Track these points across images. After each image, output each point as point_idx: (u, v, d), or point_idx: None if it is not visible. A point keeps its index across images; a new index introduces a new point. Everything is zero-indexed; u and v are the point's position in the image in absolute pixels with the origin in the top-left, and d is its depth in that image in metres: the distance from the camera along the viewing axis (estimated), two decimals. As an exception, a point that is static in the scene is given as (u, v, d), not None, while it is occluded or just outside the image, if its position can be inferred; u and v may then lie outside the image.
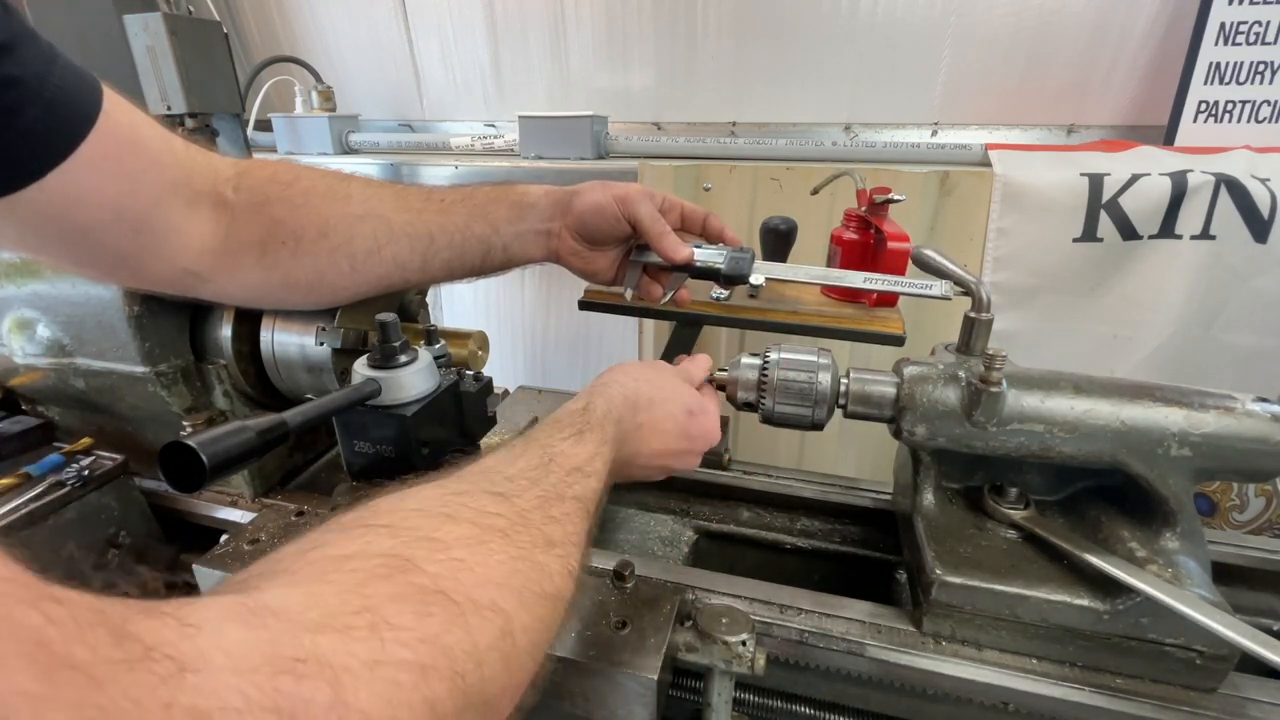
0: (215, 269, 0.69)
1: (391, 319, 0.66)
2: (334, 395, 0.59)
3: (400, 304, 1.01)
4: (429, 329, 0.77)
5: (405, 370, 0.65)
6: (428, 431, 0.67)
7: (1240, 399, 0.65)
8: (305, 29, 2.21)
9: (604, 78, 1.94)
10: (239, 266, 0.70)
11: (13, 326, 0.89)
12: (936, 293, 0.79)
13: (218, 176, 0.68)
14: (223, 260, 0.69)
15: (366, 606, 0.28)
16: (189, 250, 0.67)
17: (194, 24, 1.72)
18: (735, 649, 0.63)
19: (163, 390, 0.88)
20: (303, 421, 0.53)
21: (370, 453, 0.68)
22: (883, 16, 1.65)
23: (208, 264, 0.68)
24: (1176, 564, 0.65)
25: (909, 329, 1.02)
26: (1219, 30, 1.42)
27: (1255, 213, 1.36)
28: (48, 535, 0.82)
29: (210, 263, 0.69)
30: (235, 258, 0.70)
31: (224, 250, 0.69)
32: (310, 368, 0.88)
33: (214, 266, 0.69)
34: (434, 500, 0.39)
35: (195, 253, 0.67)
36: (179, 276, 0.68)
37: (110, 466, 0.89)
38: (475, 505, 0.39)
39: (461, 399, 0.73)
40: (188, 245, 0.66)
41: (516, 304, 2.22)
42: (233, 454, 0.46)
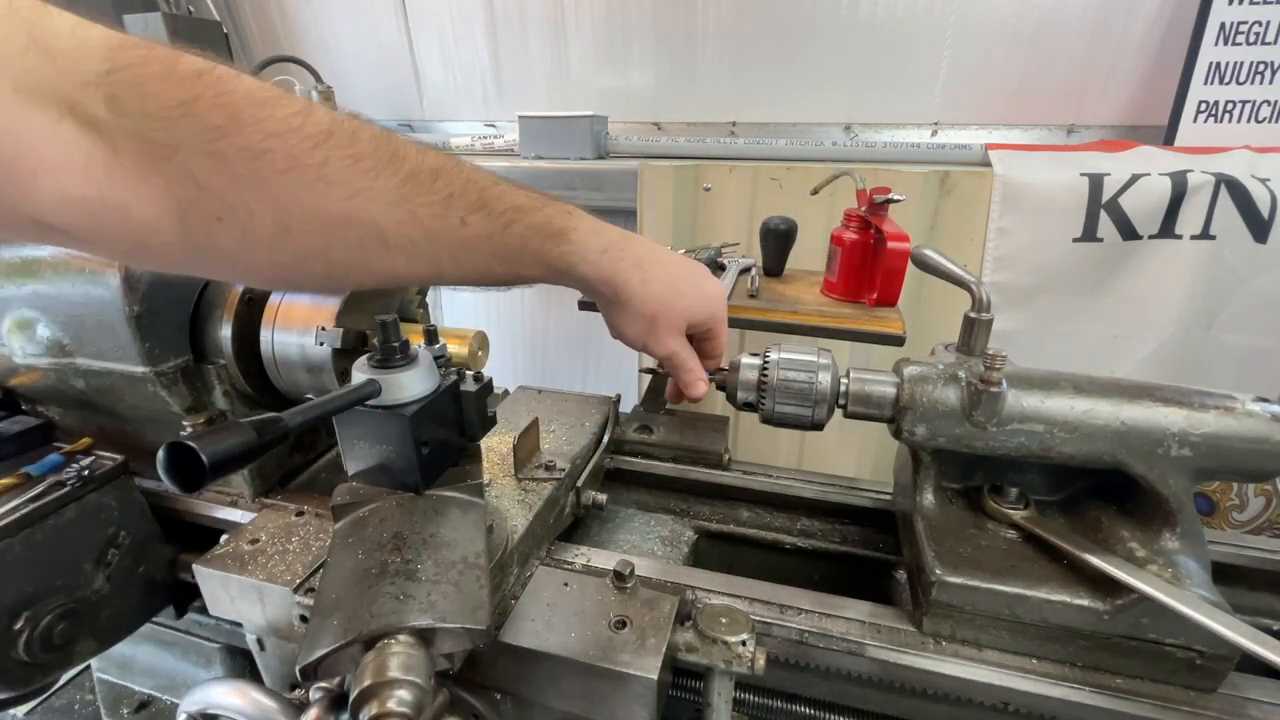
0: (94, 229, 0.43)
1: (391, 319, 0.66)
2: (334, 395, 0.59)
3: (400, 304, 1.01)
4: (429, 329, 0.77)
5: (405, 370, 0.65)
6: (428, 431, 0.67)
7: (1240, 399, 0.65)
8: (305, 29, 2.21)
9: (604, 78, 1.94)
10: (147, 234, 0.44)
11: (13, 326, 0.89)
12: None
13: (69, 70, 0.39)
14: (107, 220, 0.43)
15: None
16: (35, 190, 0.39)
17: (194, 24, 1.72)
18: (735, 649, 0.63)
19: (163, 390, 0.88)
20: (302, 421, 0.53)
21: (370, 453, 0.68)
22: (883, 16, 1.65)
23: (78, 220, 0.42)
24: (1176, 564, 0.65)
25: (909, 329, 1.02)
26: (1219, 30, 1.42)
27: (1255, 213, 1.36)
28: (48, 535, 0.82)
29: (82, 219, 0.42)
30: (128, 218, 0.43)
31: (105, 205, 0.42)
32: (310, 368, 0.88)
33: (90, 226, 0.43)
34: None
35: (51, 198, 0.40)
36: (26, 228, 0.42)
37: (110, 466, 0.89)
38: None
39: (461, 399, 0.73)
40: (24, 179, 0.39)
41: (516, 304, 2.22)
42: (233, 454, 0.46)
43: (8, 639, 0.78)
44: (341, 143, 0.48)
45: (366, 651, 0.52)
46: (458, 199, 0.54)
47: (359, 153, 0.49)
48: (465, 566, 0.60)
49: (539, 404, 1.07)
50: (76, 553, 0.86)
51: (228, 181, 0.44)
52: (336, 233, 0.50)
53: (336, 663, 0.52)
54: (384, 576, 0.58)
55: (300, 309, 0.89)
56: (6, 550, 0.78)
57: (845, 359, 1.17)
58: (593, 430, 0.99)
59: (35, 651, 0.80)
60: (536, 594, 0.71)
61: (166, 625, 1.12)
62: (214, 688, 0.79)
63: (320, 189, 0.47)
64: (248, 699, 0.76)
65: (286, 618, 0.73)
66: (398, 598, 0.55)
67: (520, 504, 0.80)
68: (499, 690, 0.70)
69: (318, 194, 0.47)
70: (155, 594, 0.97)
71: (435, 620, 0.54)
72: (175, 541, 0.98)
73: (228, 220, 0.46)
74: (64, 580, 0.84)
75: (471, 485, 0.71)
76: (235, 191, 0.45)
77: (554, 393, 1.11)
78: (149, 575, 0.95)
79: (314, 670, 0.52)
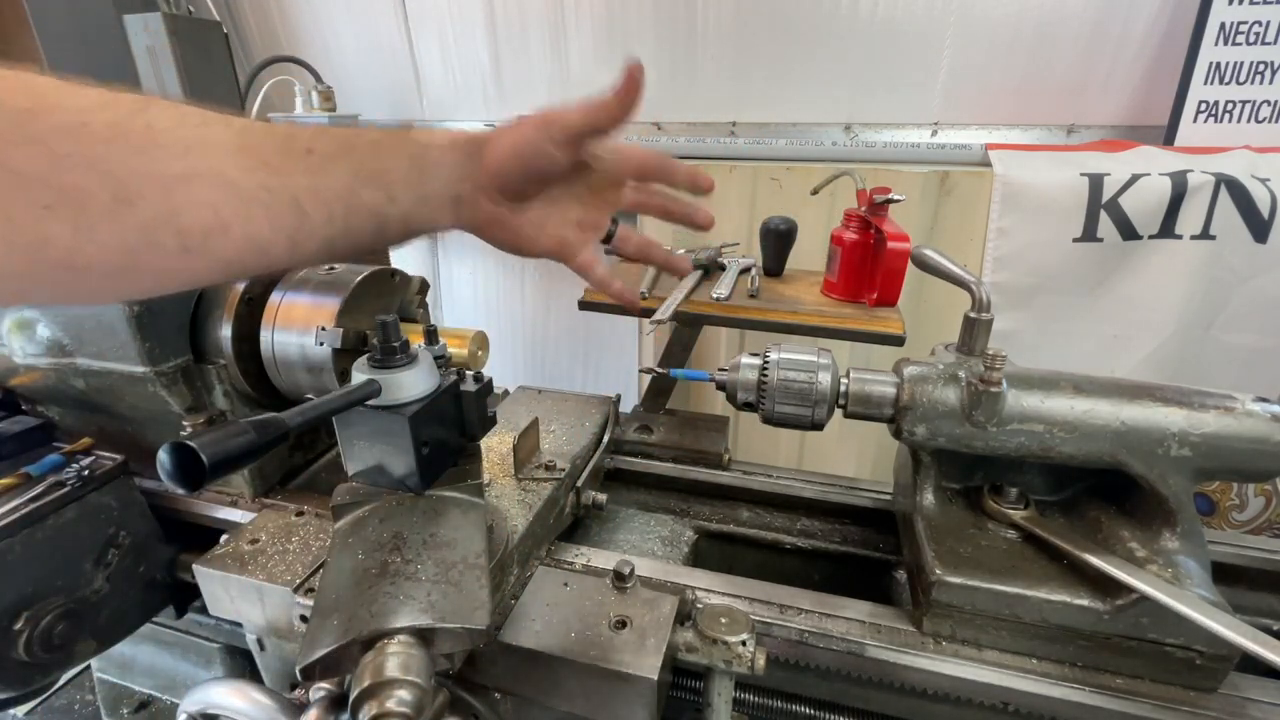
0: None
1: (391, 319, 0.66)
2: (334, 395, 0.59)
3: (400, 304, 1.01)
4: (429, 329, 0.77)
5: (405, 370, 0.65)
6: (428, 431, 0.67)
7: (1240, 399, 0.65)
8: (305, 29, 2.21)
9: (604, 78, 1.93)
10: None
11: (13, 327, 0.89)
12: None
13: None
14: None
15: None
16: None
17: (194, 24, 1.72)
18: (735, 649, 0.63)
19: (163, 390, 0.88)
20: (302, 421, 0.53)
21: (370, 453, 0.68)
22: (883, 16, 1.65)
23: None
24: (1176, 564, 0.65)
25: (909, 329, 1.02)
26: (1219, 30, 1.42)
27: (1255, 213, 1.36)
28: (48, 535, 0.82)
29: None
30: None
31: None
32: (310, 368, 0.88)
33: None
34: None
35: None
36: None
37: (110, 466, 0.89)
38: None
39: (461, 399, 0.73)
40: None
41: (516, 304, 2.22)
42: (233, 454, 0.46)
43: (8, 639, 0.78)
44: (163, 106, 0.46)
45: (366, 652, 0.52)
46: (299, 135, 0.53)
47: (183, 111, 0.48)
48: (465, 566, 0.60)
49: (539, 404, 1.07)
50: (76, 553, 0.86)
51: (49, 164, 0.41)
52: (180, 193, 0.46)
53: (336, 663, 0.52)
54: (384, 576, 0.58)
55: (300, 309, 0.89)
56: (6, 550, 0.78)
57: (845, 359, 1.17)
58: (593, 430, 0.99)
59: (35, 651, 0.80)
60: (536, 594, 0.71)
61: (166, 625, 1.12)
62: (214, 688, 0.79)
63: (151, 152, 0.45)
64: (248, 699, 0.76)
65: (286, 618, 0.73)
66: (398, 598, 0.55)
67: (520, 504, 0.80)
68: (499, 690, 0.70)
69: (150, 157, 0.45)
70: (155, 594, 0.97)
71: (435, 620, 0.54)
72: (175, 541, 0.98)
73: (57, 206, 0.42)
74: (64, 580, 0.84)
75: (471, 485, 0.71)
76: (59, 173, 0.42)
77: (554, 393, 1.11)
78: (149, 575, 0.95)
79: (314, 670, 0.52)
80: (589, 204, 0.67)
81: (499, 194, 0.61)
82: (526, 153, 0.59)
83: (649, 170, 0.67)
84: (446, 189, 0.60)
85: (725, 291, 1.11)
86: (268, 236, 0.51)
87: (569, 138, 0.59)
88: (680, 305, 1.06)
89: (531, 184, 0.62)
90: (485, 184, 0.60)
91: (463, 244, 2.25)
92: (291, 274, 0.93)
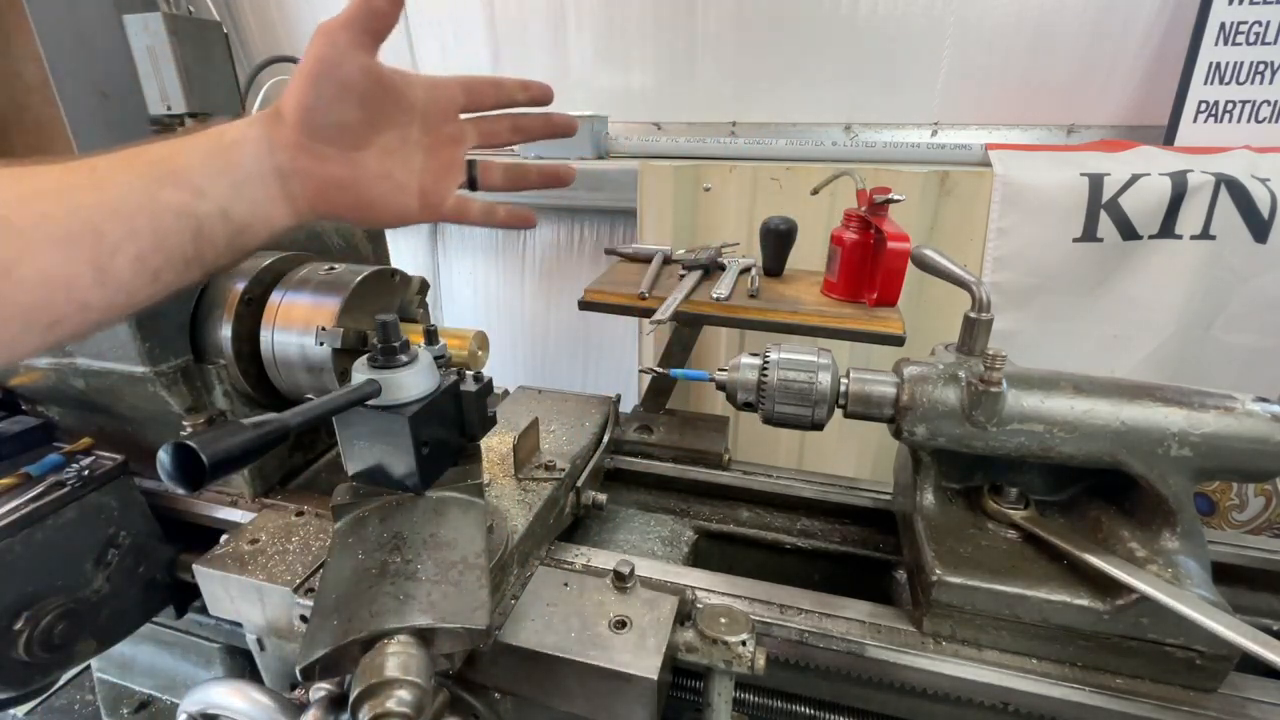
0: None
1: (391, 319, 0.66)
2: (334, 395, 0.59)
3: (400, 304, 1.01)
4: (429, 329, 0.77)
5: (405, 370, 0.65)
6: (428, 431, 0.67)
7: (1240, 399, 0.65)
8: (305, 29, 2.20)
9: (604, 78, 1.94)
10: None
11: (13, 326, 0.89)
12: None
13: None
14: None
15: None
16: None
17: (194, 24, 1.72)
18: (735, 649, 0.63)
19: (163, 390, 0.88)
20: (302, 421, 0.53)
21: (370, 453, 0.68)
22: (883, 16, 1.65)
23: None
24: (1176, 564, 0.65)
25: (909, 329, 1.02)
26: (1219, 30, 1.42)
27: (1255, 213, 1.36)
28: (48, 535, 0.82)
29: None
30: None
31: None
32: (310, 368, 0.88)
33: None
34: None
35: None
36: None
37: (110, 466, 0.89)
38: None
39: (461, 399, 0.73)
40: None
41: (516, 304, 2.22)
42: (233, 454, 0.46)
43: (8, 639, 0.78)
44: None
45: (366, 652, 0.52)
46: (85, 159, 0.49)
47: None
48: (465, 566, 0.60)
49: (539, 404, 1.07)
50: (76, 553, 0.86)
51: None
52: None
53: (336, 663, 0.52)
54: (384, 576, 0.58)
55: (300, 309, 0.89)
56: (6, 550, 0.78)
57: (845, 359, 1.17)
58: (593, 430, 0.99)
59: (35, 651, 0.80)
60: (536, 594, 0.71)
61: (166, 625, 1.12)
62: (214, 688, 0.80)
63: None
64: (248, 699, 0.76)
65: (286, 618, 0.73)
66: (398, 598, 0.55)
67: (520, 504, 0.80)
68: (499, 690, 0.70)
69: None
70: (155, 594, 0.97)
71: (435, 620, 0.54)
72: (175, 541, 0.98)
73: None
74: (64, 580, 0.84)
75: (471, 485, 0.71)
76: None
77: (554, 393, 1.11)
78: (149, 575, 0.95)
79: (314, 670, 0.52)
80: (432, 148, 0.62)
81: (318, 144, 0.55)
82: (315, 70, 0.53)
83: (475, 90, 0.63)
84: (260, 164, 0.53)
85: (725, 291, 1.11)
86: (64, 270, 0.45)
87: (350, 36, 0.54)
88: (680, 305, 1.06)
89: (338, 105, 0.55)
90: (298, 139, 0.54)
91: (463, 244, 2.25)
92: (292, 274, 0.93)
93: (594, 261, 2.02)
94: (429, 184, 0.62)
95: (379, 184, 0.59)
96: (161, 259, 0.49)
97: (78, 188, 0.47)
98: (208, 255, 0.52)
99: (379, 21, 0.55)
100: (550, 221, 2.06)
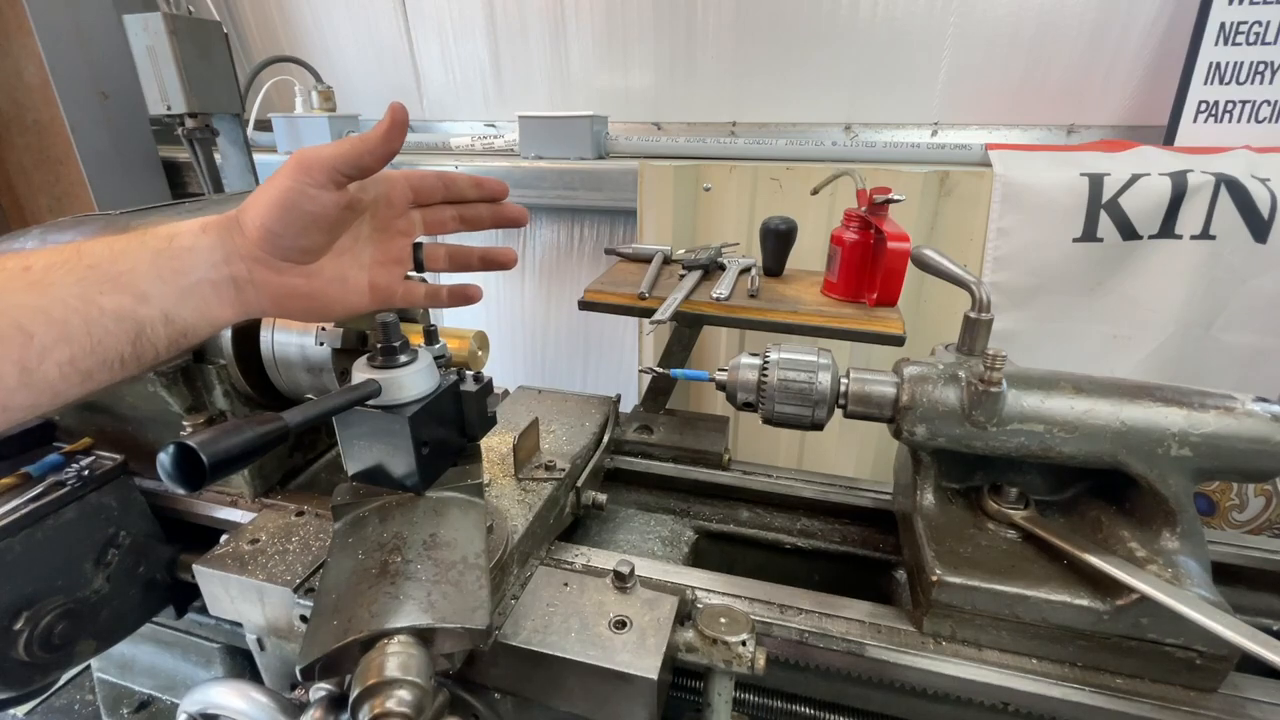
0: None
1: (391, 319, 0.66)
2: (334, 395, 0.59)
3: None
4: (429, 329, 0.77)
5: (405, 370, 0.65)
6: (428, 431, 0.67)
7: (1240, 399, 0.65)
8: (305, 29, 2.21)
9: (604, 78, 1.94)
10: None
11: (13, 326, 0.89)
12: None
13: None
14: None
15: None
16: None
17: (194, 24, 1.72)
18: (735, 649, 0.63)
19: (163, 390, 0.88)
20: (302, 421, 0.53)
21: (370, 453, 0.68)
22: (883, 16, 1.65)
23: None
24: (1176, 564, 0.65)
25: (909, 329, 1.02)
26: (1219, 30, 1.42)
27: (1255, 213, 1.36)
28: (48, 535, 0.82)
29: None
30: None
31: None
32: (310, 368, 0.88)
33: None
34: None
35: None
36: None
37: (110, 466, 0.89)
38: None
39: (461, 399, 0.73)
40: None
41: (516, 304, 2.22)
42: (233, 454, 0.46)
43: (8, 639, 0.78)
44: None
45: (366, 652, 0.52)
46: (18, 255, 0.48)
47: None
48: (465, 566, 0.60)
49: (539, 404, 1.07)
50: (76, 553, 0.86)
51: None
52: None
53: (336, 663, 0.52)
54: (384, 576, 0.58)
55: (300, 309, 0.89)
56: (6, 550, 0.78)
57: (845, 359, 1.17)
58: (593, 430, 0.99)
59: (35, 651, 0.80)
60: (536, 594, 0.71)
61: (166, 625, 1.12)
62: (214, 688, 0.80)
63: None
64: (248, 699, 0.76)
65: (286, 618, 0.73)
66: (398, 598, 0.55)
67: (520, 504, 0.80)
68: (499, 690, 0.70)
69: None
70: (155, 594, 0.97)
71: (435, 620, 0.54)
72: (175, 541, 0.98)
73: None
74: (64, 580, 0.84)
75: (471, 485, 0.71)
76: None
77: (554, 393, 1.11)
78: (149, 575, 0.95)
79: (314, 670, 0.52)
80: (381, 242, 0.64)
81: (277, 260, 0.56)
82: (287, 200, 0.53)
83: (423, 187, 0.65)
84: (212, 274, 0.53)
85: (725, 291, 1.11)
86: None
87: (330, 176, 0.54)
88: (680, 305, 1.06)
89: (305, 234, 0.56)
90: (257, 254, 0.55)
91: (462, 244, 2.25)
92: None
93: (594, 261, 2.02)
94: (379, 277, 0.64)
95: (333, 287, 0.60)
96: (95, 361, 0.49)
97: (9, 288, 0.46)
98: (146, 356, 0.52)
99: (363, 173, 0.56)
100: (550, 221, 2.06)
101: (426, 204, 0.66)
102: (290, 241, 0.55)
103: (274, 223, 0.54)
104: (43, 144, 2.01)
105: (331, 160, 0.54)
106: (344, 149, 0.54)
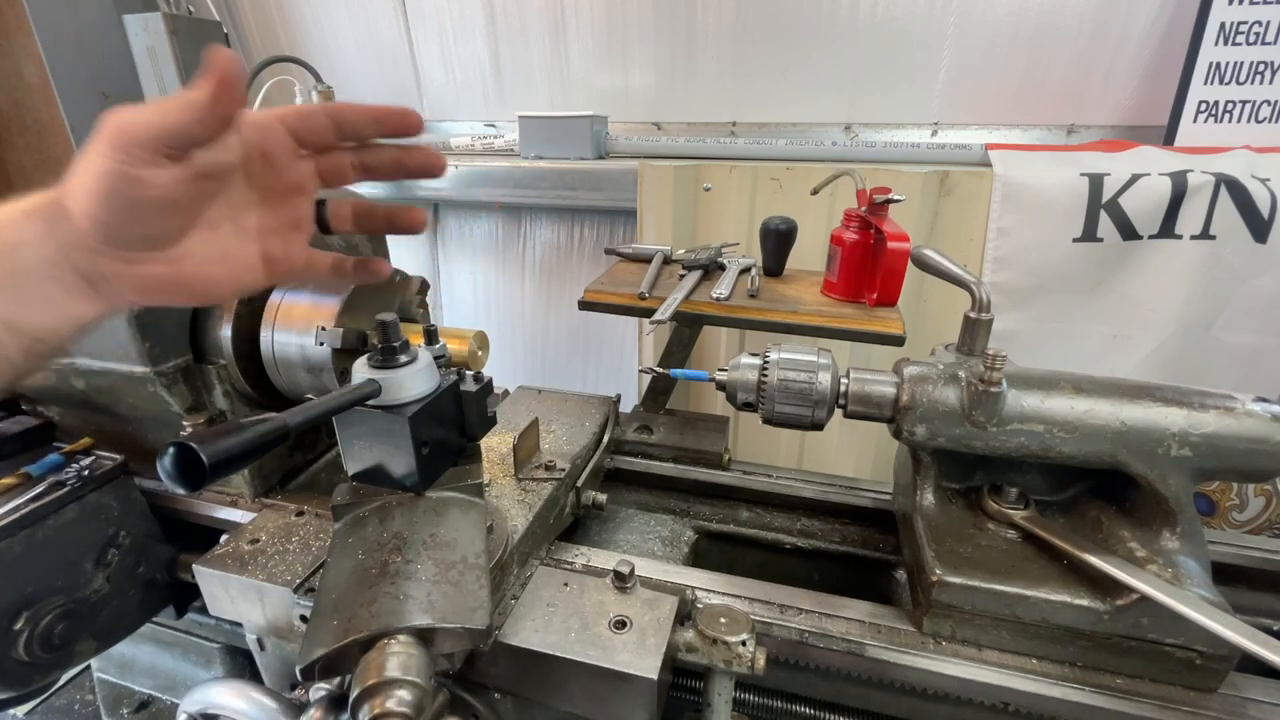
0: None
1: (391, 319, 0.66)
2: (334, 395, 0.59)
3: (400, 304, 1.01)
4: (429, 329, 0.77)
5: (405, 370, 0.65)
6: (428, 431, 0.67)
7: (1240, 399, 0.65)
8: (305, 29, 2.21)
9: (604, 78, 1.94)
10: None
11: (13, 326, 0.89)
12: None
13: None
14: None
15: None
16: None
17: (194, 24, 1.72)
18: (735, 649, 0.63)
19: (163, 390, 0.88)
20: (303, 421, 0.53)
21: (370, 453, 0.68)
22: (883, 16, 1.65)
23: None
24: (1176, 564, 0.65)
25: (909, 329, 1.02)
26: (1219, 30, 1.42)
27: (1255, 213, 1.36)
28: (48, 535, 0.82)
29: None
30: None
31: None
32: (310, 368, 0.88)
33: None
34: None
35: None
36: None
37: (110, 466, 0.89)
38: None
39: (461, 399, 0.73)
40: None
41: (516, 304, 2.22)
42: (233, 454, 0.46)
43: (8, 639, 0.78)
44: None
45: (366, 652, 0.52)
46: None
47: None
48: (465, 566, 0.60)
49: (539, 404, 1.07)
50: (76, 553, 0.86)
51: None
52: None
53: (336, 663, 0.52)
54: (384, 576, 0.58)
55: (300, 309, 0.89)
56: (6, 550, 0.78)
57: (845, 359, 1.17)
58: (593, 430, 0.99)
59: (35, 651, 0.80)
60: (536, 594, 0.71)
61: (166, 625, 1.12)
62: (214, 688, 0.80)
63: None
64: (248, 699, 0.76)
65: (286, 618, 0.73)
66: (398, 598, 0.55)
67: (520, 504, 0.80)
68: (499, 690, 0.70)
69: None
70: (155, 594, 0.97)
71: (435, 620, 0.54)
72: (175, 541, 0.98)
73: None
74: (64, 580, 0.84)
75: (471, 485, 0.71)
76: None
77: (554, 393, 1.11)
78: (149, 575, 0.95)
79: (314, 670, 0.52)
80: (270, 204, 0.52)
81: (123, 250, 0.45)
82: (108, 187, 0.42)
83: (309, 127, 0.51)
84: (51, 268, 0.44)
85: (725, 291, 1.11)
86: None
87: (155, 151, 0.42)
88: (680, 305, 1.06)
89: (143, 222, 0.44)
90: (94, 246, 0.44)
91: (462, 244, 2.25)
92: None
93: (594, 261, 2.02)
94: (274, 247, 0.52)
95: (211, 268, 0.49)
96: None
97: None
98: (3, 371, 0.45)
99: (199, 143, 0.44)
100: (550, 221, 2.06)
101: (319, 150, 0.53)
102: (128, 231, 0.44)
103: (100, 213, 0.43)
104: (43, 144, 2.00)
105: (153, 132, 0.41)
106: (167, 118, 0.41)
